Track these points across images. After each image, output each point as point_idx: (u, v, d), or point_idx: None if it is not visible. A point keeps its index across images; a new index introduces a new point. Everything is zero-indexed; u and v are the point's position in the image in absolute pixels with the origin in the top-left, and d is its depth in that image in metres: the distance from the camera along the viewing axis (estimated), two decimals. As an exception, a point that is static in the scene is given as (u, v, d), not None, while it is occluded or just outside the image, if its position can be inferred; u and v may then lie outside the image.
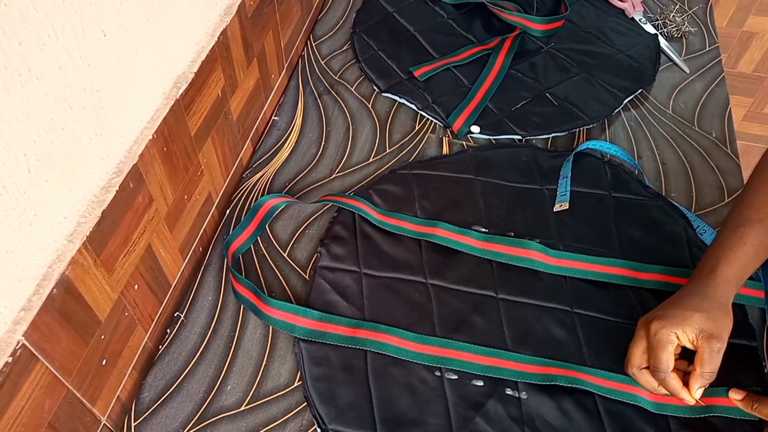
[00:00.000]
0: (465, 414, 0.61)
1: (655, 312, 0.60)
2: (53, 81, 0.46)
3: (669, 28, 1.04)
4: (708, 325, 0.57)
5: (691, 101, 0.94)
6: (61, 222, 0.50)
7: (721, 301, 0.58)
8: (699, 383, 0.57)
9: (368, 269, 0.71)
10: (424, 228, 0.75)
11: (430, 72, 0.94)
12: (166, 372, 0.65)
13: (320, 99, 0.93)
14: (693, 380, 0.57)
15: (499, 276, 0.71)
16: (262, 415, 0.62)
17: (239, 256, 0.74)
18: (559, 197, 0.78)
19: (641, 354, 0.59)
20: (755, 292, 0.69)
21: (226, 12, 0.71)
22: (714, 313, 0.57)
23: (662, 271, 0.70)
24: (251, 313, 0.69)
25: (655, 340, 0.58)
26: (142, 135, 0.59)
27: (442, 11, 1.06)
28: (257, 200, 0.78)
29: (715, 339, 0.56)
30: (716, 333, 0.57)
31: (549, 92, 0.92)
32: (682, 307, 0.59)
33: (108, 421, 0.60)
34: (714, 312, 0.58)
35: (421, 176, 0.81)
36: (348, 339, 0.65)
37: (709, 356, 0.56)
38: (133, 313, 0.62)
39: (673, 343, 0.58)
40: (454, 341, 0.65)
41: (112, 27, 0.51)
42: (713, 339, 0.56)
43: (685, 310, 0.58)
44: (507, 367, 0.64)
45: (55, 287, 0.49)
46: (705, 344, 0.57)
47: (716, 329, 0.57)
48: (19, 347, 0.46)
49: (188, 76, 0.64)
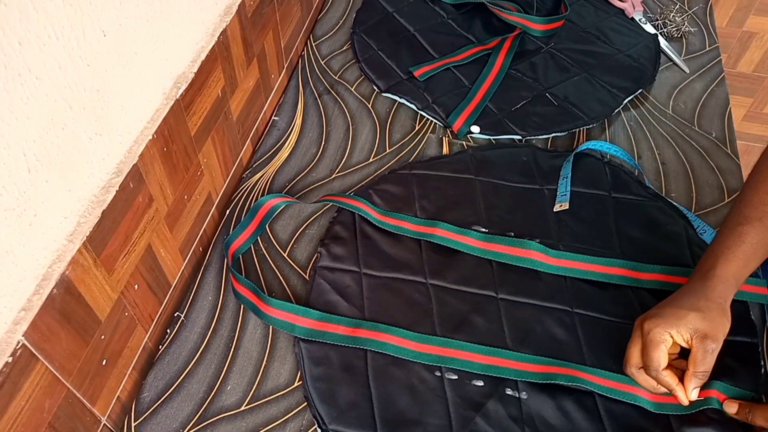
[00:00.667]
0: (465, 414, 0.61)
1: (652, 311, 0.60)
2: (53, 81, 0.46)
3: (669, 28, 1.04)
4: (703, 325, 0.57)
5: (691, 101, 0.94)
6: (61, 222, 0.50)
7: (719, 301, 0.58)
8: (693, 383, 0.57)
9: (368, 269, 0.71)
10: (424, 228, 0.75)
11: (430, 72, 0.94)
12: (166, 372, 0.65)
13: (320, 99, 0.93)
14: (687, 380, 0.57)
15: (499, 276, 0.71)
16: (262, 415, 0.62)
17: (239, 256, 0.74)
18: (559, 197, 0.78)
19: (638, 353, 0.59)
20: (757, 288, 0.69)
21: (226, 12, 0.71)
22: (710, 314, 0.57)
23: (662, 270, 0.70)
24: (251, 313, 0.69)
25: (648, 339, 0.58)
26: (142, 135, 0.59)
27: (442, 11, 1.06)
28: (257, 200, 0.78)
29: (710, 339, 0.56)
30: (711, 333, 0.56)
31: (549, 92, 0.92)
32: (677, 307, 0.58)
33: (108, 421, 0.60)
34: (710, 312, 0.57)
35: (421, 176, 0.81)
36: (348, 339, 0.65)
37: (702, 356, 0.56)
38: (133, 313, 0.62)
39: (667, 342, 0.57)
40: (455, 340, 0.65)
41: (112, 27, 0.51)
42: (707, 339, 0.56)
43: (681, 309, 0.58)
44: (507, 366, 0.64)
45: (55, 287, 0.49)
46: (699, 344, 0.57)
47: (711, 329, 0.57)
48: (19, 347, 0.46)
49: (188, 76, 0.65)
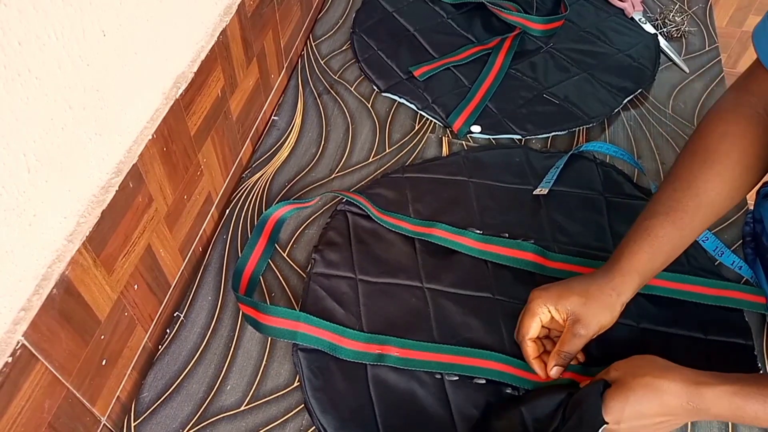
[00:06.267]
0: (467, 414, 0.61)
1: (546, 285, 0.62)
2: (53, 81, 0.46)
3: (669, 28, 1.04)
4: (580, 310, 0.59)
5: (690, 101, 0.94)
6: (61, 222, 0.50)
7: (609, 293, 0.60)
8: (554, 361, 0.60)
9: (364, 275, 0.71)
10: (422, 228, 0.75)
11: (429, 72, 0.94)
12: (165, 372, 0.65)
13: (320, 99, 0.93)
14: (550, 358, 0.60)
15: (495, 276, 0.71)
16: (262, 415, 0.62)
17: (260, 278, 0.72)
18: (542, 183, 0.79)
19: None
20: (757, 297, 0.69)
21: (226, 12, 0.71)
22: (592, 302, 0.59)
23: (659, 276, 0.70)
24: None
25: (527, 307, 0.62)
26: (141, 135, 0.59)
27: (442, 11, 1.06)
28: (262, 214, 0.76)
29: (580, 324, 0.59)
30: (584, 320, 0.59)
31: (549, 92, 0.92)
32: (567, 287, 0.61)
33: (108, 421, 0.60)
34: (593, 300, 0.59)
35: (414, 179, 0.81)
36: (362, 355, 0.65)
37: (568, 338, 0.59)
38: (133, 313, 0.62)
39: (543, 315, 0.61)
40: (457, 347, 0.65)
41: (112, 27, 0.51)
42: (578, 324, 0.59)
43: (568, 290, 0.60)
44: (510, 372, 0.64)
45: (55, 287, 0.49)
46: (570, 326, 0.59)
47: (586, 316, 0.59)
48: (19, 347, 0.46)
49: (188, 75, 0.64)
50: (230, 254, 0.74)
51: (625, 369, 0.56)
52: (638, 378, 0.54)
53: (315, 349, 0.65)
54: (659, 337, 0.67)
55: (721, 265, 0.73)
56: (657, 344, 0.66)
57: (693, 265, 0.72)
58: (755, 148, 0.62)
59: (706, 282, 0.70)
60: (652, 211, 0.62)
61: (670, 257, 0.62)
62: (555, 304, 0.60)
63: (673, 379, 0.54)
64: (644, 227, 0.61)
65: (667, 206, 0.62)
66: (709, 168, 0.61)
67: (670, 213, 0.61)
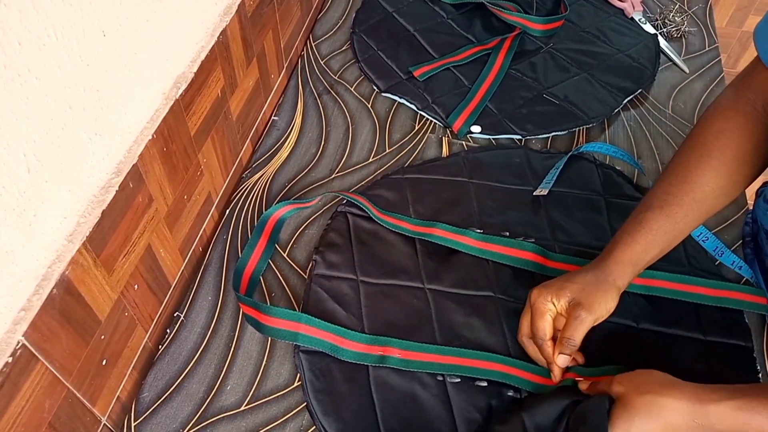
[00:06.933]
0: (469, 416, 0.61)
1: (544, 282, 0.63)
2: (53, 81, 0.46)
3: (669, 28, 1.04)
4: (580, 295, 0.59)
5: (690, 101, 0.94)
6: (61, 222, 0.50)
7: (608, 280, 0.60)
8: (560, 348, 0.60)
9: (365, 276, 0.71)
10: (423, 228, 0.75)
11: (429, 72, 0.94)
12: (166, 372, 0.65)
13: (320, 99, 0.93)
14: (557, 345, 0.60)
15: (496, 275, 0.71)
16: (262, 415, 0.62)
17: (260, 278, 0.72)
18: (543, 184, 0.79)
19: (528, 323, 0.62)
20: (757, 298, 0.69)
21: (226, 12, 0.71)
22: (590, 287, 0.60)
23: (660, 276, 0.70)
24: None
25: (534, 308, 0.61)
26: (141, 135, 0.59)
27: (442, 11, 1.06)
28: (262, 214, 0.76)
29: (582, 308, 0.59)
30: (585, 304, 0.59)
31: (549, 92, 0.92)
32: (565, 280, 0.61)
33: (108, 421, 0.60)
34: (591, 286, 0.60)
35: (414, 180, 0.81)
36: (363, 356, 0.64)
37: (572, 323, 0.59)
38: (133, 313, 0.62)
39: (551, 311, 0.60)
40: (460, 349, 0.65)
41: (112, 27, 0.51)
42: (579, 307, 0.59)
43: (566, 282, 0.61)
44: (512, 373, 0.64)
45: (55, 287, 0.49)
46: (572, 311, 0.59)
47: (586, 300, 0.59)
48: (19, 347, 0.46)
49: (188, 76, 0.64)
50: (230, 254, 0.74)
51: (629, 385, 0.55)
52: (642, 395, 0.54)
53: (317, 351, 0.64)
54: (659, 337, 0.67)
55: (721, 266, 0.73)
56: (657, 345, 0.66)
57: (693, 266, 0.72)
58: (752, 144, 0.62)
59: (706, 283, 0.70)
60: (648, 204, 0.63)
61: (664, 250, 0.62)
62: (556, 295, 0.60)
63: (677, 397, 0.53)
64: (639, 220, 0.62)
65: (662, 200, 0.62)
66: (705, 163, 0.62)
67: (665, 207, 0.62)
